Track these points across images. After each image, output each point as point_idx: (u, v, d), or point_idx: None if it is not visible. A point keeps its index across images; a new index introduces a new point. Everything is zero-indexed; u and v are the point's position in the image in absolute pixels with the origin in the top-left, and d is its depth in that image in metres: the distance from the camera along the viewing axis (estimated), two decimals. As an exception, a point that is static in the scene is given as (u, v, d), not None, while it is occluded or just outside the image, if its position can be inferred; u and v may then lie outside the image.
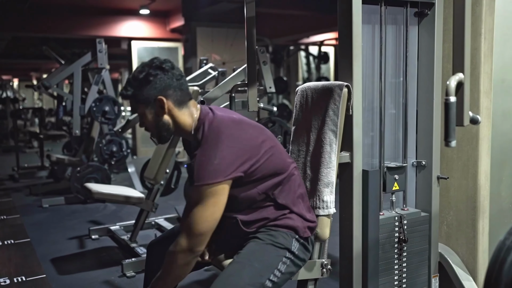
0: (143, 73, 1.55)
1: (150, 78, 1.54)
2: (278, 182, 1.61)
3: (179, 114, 1.59)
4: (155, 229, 3.96)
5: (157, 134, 1.62)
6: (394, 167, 1.98)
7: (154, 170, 3.42)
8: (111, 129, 5.18)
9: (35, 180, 6.56)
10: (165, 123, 1.58)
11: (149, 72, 1.55)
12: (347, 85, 1.75)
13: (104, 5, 7.55)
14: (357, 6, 1.80)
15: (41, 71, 16.57)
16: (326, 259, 1.83)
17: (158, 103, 1.55)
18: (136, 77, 1.56)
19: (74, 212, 4.81)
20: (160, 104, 1.55)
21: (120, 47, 9.51)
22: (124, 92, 1.59)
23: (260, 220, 1.61)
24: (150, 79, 1.54)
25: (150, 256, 1.74)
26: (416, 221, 2.02)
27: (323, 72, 10.56)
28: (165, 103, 1.55)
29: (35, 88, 6.65)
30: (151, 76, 1.54)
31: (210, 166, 1.44)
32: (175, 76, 1.58)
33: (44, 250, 3.60)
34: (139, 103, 1.57)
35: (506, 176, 2.21)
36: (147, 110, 1.57)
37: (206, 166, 1.44)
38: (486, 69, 2.08)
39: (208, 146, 1.48)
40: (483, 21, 2.06)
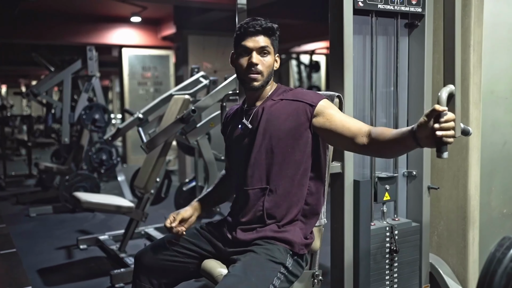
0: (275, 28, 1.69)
1: (277, 35, 1.71)
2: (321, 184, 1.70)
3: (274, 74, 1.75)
4: (145, 238, 3.92)
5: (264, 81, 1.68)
6: (385, 177, 1.99)
7: (144, 179, 3.39)
8: (101, 137, 5.13)
9: (22, 188, 6.48)
10: (271, 74, 1.71)
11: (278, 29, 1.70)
12: (338, 95, 1.76)
13: (95, 12, 7.52)
14: (348, 17, 1.81)
15: (30, 78, 16.44)
16: (317, 269, 1.82)
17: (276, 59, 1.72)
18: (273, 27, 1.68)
19: (62, 221, 4.75)
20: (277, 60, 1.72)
21: (111, 54, 9.46)
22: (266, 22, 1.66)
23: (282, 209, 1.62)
24: (277, 35, 1.71)
25: (138, 266, 1.72)
26: (407, 231, 2.02)
27: (314, 81, 10.60)
28: (278, 61, 1.73)
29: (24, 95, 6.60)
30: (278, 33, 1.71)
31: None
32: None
33: (31, 260, 3.54)
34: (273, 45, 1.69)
35: (496, 186, 2.22)
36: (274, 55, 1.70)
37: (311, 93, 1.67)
38: (476, 80, 2.10)
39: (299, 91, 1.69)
40: (472, 33, 2.08)
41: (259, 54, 1.65)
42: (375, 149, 1.47)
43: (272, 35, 1.67)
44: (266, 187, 1.63)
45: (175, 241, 1.71)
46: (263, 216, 1.62)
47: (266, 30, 1.65)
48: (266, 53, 1.65)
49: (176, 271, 1.70)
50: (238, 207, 1.70)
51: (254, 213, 1.64)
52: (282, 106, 1.65)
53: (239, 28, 1.67)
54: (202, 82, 3.87)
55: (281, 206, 1.62)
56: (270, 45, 1.66)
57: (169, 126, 3.15)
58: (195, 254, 1.70)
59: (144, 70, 8.52)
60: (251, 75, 1.64)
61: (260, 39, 1.65)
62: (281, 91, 1.70)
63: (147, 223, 3.85)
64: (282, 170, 1.62)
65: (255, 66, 1.64)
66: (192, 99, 3.55)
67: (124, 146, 8.77)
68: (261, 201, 1.63)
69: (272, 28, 1.67)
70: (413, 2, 1.96)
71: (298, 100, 1.63)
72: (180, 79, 6.71)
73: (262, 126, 1.64)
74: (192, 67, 4.16)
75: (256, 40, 1.64)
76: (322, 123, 1.58)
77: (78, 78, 5.77)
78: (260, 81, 1.66)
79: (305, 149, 1.62)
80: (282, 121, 1.62)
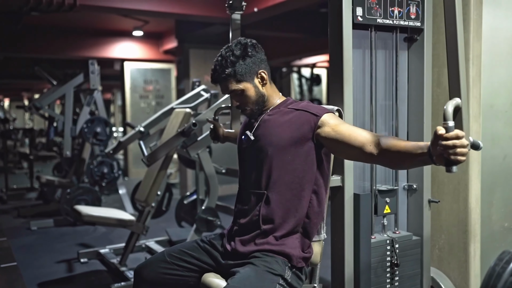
0: (239, 51, 1.64)
1: (249, 53, 1.65)
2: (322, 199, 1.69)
3: (271, 87, 1.73)
4: (146, 252, 3.90)
5: (255, 110, 1.69)
6: (385, 190, 1.99)
7: (146, 192, 3.39)
8: (102, 150, 5.14)
9: (23, 201, 6.47)
10: (264, 96, 1.69)
11: (246, 49, 1.65)
12: (338, 109, 1.77)
13: (97, 27, 7.59)
14: (347, 31, 1.83)
15: (33, 91, 16.52)
16: (317, 283, 1.81)
17: (261, 76, 1.67)
18: (235, 55, 1.64)
19: (63, 234, 4.74)
20: (262, 77, 1.67)
21: (113, 68, 9.53)
22: (221, 72, 1.65)
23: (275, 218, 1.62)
24: (249, 53, 1.65)
25: (138, 280, 1.71)
26: (408, 244, 2.02)
27: (315, 94, 10.64)
28: (266, 76, 1.68)
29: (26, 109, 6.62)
30: (249, 51, 1.65)
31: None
32: (262, 51, 1.70)
33: (31, 274, 3.52)
34: (242, 79, 1.65)
35: (497, 199, 2.22)
36: (251, 84, 1.66)
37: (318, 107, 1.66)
38: (475, 93, 2.11)
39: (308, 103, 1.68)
40: (471, 47, 2.10)
41: (234, 96, 1.69)
42: (386, 159, 1.46)
43: (234, 75, 1.64)
44: (263, 193, 1.64)
45: (175, 254, 1.71)
46: (258, 220, 1.63)
47: (223, 79, 1.66)
48: (239, 92, 1.67)
49: (176, 285, 1.69)
50: (240, 209, 1.73)
51: (252, 217, 1.65)
52: (285, 115, 1.67)
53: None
54: (203, 95, 3.89)
55: (277, 213, 1.62)
56: (236, 85, 1.65)
57: (170, 140, 3.16)
58: (195, 268, 1.70)
59: (146, 83, 8.56)
60: (240, 110, 1.73)
61: (225, 86, 1.68)
62: (288, 103, 1.72)
63: (148, 236, 3.83)
64: (280, 177, 1.63)
65: (237, 106, 1.71)
66: (193, 112, 3.56)
67: (125, 159, 8.78)
68: (258, 205, 1.64)
69: (229, 73, 1.63)
70: (412, 16, 1.98)
71: (302, 110, 1.64)
72: (182, 93, 6.74)
73: (263, 133, 1.67)
74: (193, 81, 4.18)
75: (224, 87, 1.69)
76: (327, 133, 1.57)
77: (80, 92, 5.80)
78: (250, 112, 1.72)
79: (306, 159, 1.62)
80: (284, 129, 1.64)
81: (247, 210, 1.69)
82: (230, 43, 1.70)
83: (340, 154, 1.68)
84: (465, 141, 1.19)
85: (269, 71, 1.72)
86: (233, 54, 1.63)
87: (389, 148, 1.42)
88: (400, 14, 1.96)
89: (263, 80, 1.68)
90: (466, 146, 1.19)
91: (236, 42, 1.68)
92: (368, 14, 1.88)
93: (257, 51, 1.67)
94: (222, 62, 1.64)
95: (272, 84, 1.74)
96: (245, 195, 1.72)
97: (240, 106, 1.71)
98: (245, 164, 1.75)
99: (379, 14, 1.91)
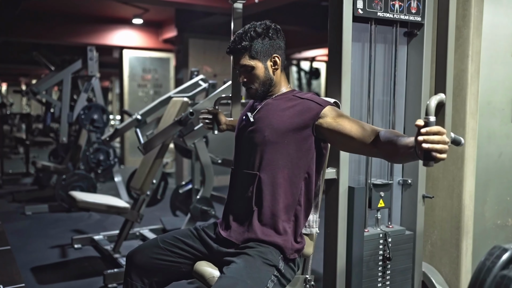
0: (261, 29, 1.65)
1: (270, 34, 1.65)
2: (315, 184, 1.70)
3: (282, 75, 1.73)
4: (140, 240, 3.91)
5: (259, 90, 1.70)
6: (380, 184, 1.99)
7: (141, 180, 3.39)
8: (99, 137, 5.14)
9: (19, 186, 6.47)
10: (272, 80, 1.70)
11: (268, 29, 1.65)
12: (335, 101, 1.76)
13: (97, 13, 7.54)
14: (347, 24, 1.82)
15: (31, 77, 16.45)
16: (309, 275, 1.82)
17: (274, 60, 1.68)
18: (256, 31, 1.64)
19: (58, 220, 4.74)
20: (275, 61, 1.68)
21: (112, 55, 9.48)
22: (238, 43, 1.65)
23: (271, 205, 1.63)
24: (270, 35, 1.65)
25: (130, 265, 1.71)
26: (401, 239, 2.03)
27: (314, 88, 10.62)
28: (279, 62, 1.68)
29: (23, 94, 6.59)
30: (270, 32, 1.65)
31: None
32: (284, 39, 1.71)
33: (25, 258, 3.53)
34: (255, 56, 1.65)
35: (491, 197, 2.23)
36: (262, 64, 1.67)
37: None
38: (473, 90, 2.11)
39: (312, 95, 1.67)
40: (471, 43, 2.10)
41: (244, 71, 1.70)
42: (384, 152, 1.46)
43: (247, 49, 1.65)
44: (256, 174, 1.64)
45: (169, 241, 1.71)
46: (251, 201, 1.64)
47: (239, 50, 1.67)
48: (249, 69, 1.68)
49: (168, 271, 1.70)
50: (232, 190, 1.75)
51: (244, 198, 1.67)
52: (289, 101, 1.68)
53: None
54: (201, 85, 3.88)
55: (268, 195, 1.63)
56: (248, 60, 1.66)
57: (166, 128, 3.15)
58: (188, 254, 1.70)
59: (144, 72, 8.53)
60: (245, 87, 1.74)
61: (237, 59, 1.69)
62: (294, 92, 1.72)
63: (142, 224, 3.85)
64: (273, 159, 1.63)
65: (243, 82, 1.72)
66: (191, 101, 3.56)
67: (122, 147, 8.77)
68: (250, 186, 1.65)
69: (245, 46, 1.65)
70: (413, 11, 1.98)
71: (307, 99, 1.65)
72: (180, 82, 6.72)
73: (264, 116, 1.68)
74: (191, 70, 4.17)
75: (236, 60, 1.70)
76: (329, 124, 1.57)
77: (78, 78, 5.78)
78: (254, 91, 1.72)
79: (302, 146, 1.62)
80: (285, 114, 1.64)
81: (240, 191, 1.69)
82: (256, 21, 1.70)
83: (340, 146, 1.68)
84: (445, 138, 1.17)
85: (284, 60, 1.73)
86: (254, 30, 1.65)
87: (386, 141, 1.42)
88: (400, 8, 1.96)
89: (275, 65, 1.69)
90: (446, 143, 1.17)
91: (262, 22, 1.69)
92: (369, 7, 1.87)
93: (278, 37, 1.69)
94: (242, 35, 1.66)
95: (283, 73, 1.75)
96: (238, 176, 1.73)
97: (246, 84, 1.71)
98: (241, 144, 1.76)
99: (379, 7, 1.90)
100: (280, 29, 1.71)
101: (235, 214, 1.70)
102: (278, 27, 1.70)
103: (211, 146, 4.03)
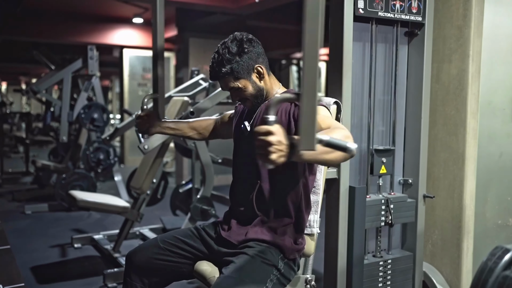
0: (235, 48, 1.62)
1: (245, 49, 1.62)
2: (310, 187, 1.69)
3: (270, 79, 1.70)
4: (140, 239, 3.91)
5: (255, 103, 1.69)
6: (381, 150, 1.99)
7: (141, 179, 3.39)
8: (99, 136, 5.13)
9: (18, 185, 6.46)
10: (263, 90, 1.68)
11: (241, 44, 1.62)
12: (336, 101, 1.76)
13: (97, 13, 7.53)
14: (348, 24, 1.82)
15: (31, 76, 16.42)
16: (310, 274, 1.81)
17: (257, 71, 1.65)
18: (231, 52, 1.61)
19: (58, 219, 4.74)
20: (259, 71, 1.65)
21: (112, 54, 9.47)
22: (218, 71, 1.63)
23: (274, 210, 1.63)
24: (246, 49, 1.62)
25: (129, 265, 1.71)
26: (403, 206, 2.02)
27: (313, 87, 10.59)
28: (263, 70, 1.66)
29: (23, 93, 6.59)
30: (245, 47, 1.62)
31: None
32: (259, 44, 1.68)
33: (25, 258, 3.53)
34: (239, 76, 1.63)
35: (491, 197, 2.22)
36: (248, 81, 1.64)
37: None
38: (474, 90, 2.11)
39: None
40: (471, 43, 2.09)
41: (233, 92, 1.68)
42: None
43: (231, 73, 1.62)
44: (257, 182, 1.65)
45: (169, 240, 1.71)
46: (253, 207, 1.65)
47: (222, 76, 1.64)
48: (238, 89, 1.66)
49: (168, 271, 1.69)
50: (235, 198, 1.75)
51: (247, 205, 1.67)
52: (282, 105, 1.66)
53: None
54: (202, 84, 3.88)
55: (270, 202, 1.64)
56: (235, 83, 1.64)
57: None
58: (188, 254, 1.70)
59: (145, 71, 8.52)
60: (242, 104, 1.74)
61: (223, 83, 1.67)
62: (288, 92, 1.71)
63: (142, 223, 3.84)
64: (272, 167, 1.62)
65: (237, 100, 1.72)
66: (191, 101, 3.55)
67: (122, 146, 8.76)
68: (251, 194, 1.65)
69: (226, 71, 1.61)
70: (413, 10, 1.98)
71: (294, 102, 1.62)
72: (180, 81, 6.71)
73: (257, 123, 1.68)
74: (192, 70, 4.17)
75: (223, 84, 1.68)
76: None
77: (78, 77, 5.78)
78: (250, 104, 1.71)
79: None
80: (279, 118, 1.62)
81: (242, 199, 1.70)
82: (227, 38, 1.67)
83: None
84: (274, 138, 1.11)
85: (267, 64, 1.69)
86: (229, 52, 1.61)
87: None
88: (401, 8, 1.95)
89: (260, 75, 1.66)
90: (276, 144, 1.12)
91: (232, 38, 1.64)
92: (370, 7, 1.87)
93: (253, 46, 1.64)
94: (219, 60, 1.62)
95: (271, 76, 1.72)
96: (239, 184, 1.73)
97: (240, 101, 1.72)
98: (240, 153, 1.76)
99: (380, 7, 1.90)
100: (252, 37, 1.66)
101: (237, 218, 1.71)
102: (250, 37, 1.65)
103: (212, 146, 4.03)
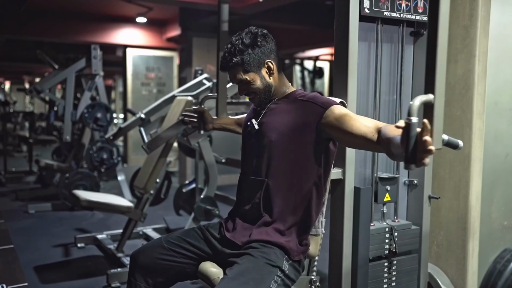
0: (249, 40, 1.63)
1: (259, 43, 1.63)
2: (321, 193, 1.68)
3: (280, 77, 1.71)
4: (143, 239, 3.91)
5: (262, 99, 1.69)
6: (386, 178, 1.97)
7: (144, 179, 3.38)
8: (102, 136, 5.13)
9: (22, 185, 6.47)
10: (271, 86, 1.68)
11: (256, 37, 1.63)
12: (341, 101, 1.75)
13: (101, 12, 7.54)
14: (354, 24, 1.81)
15: (34, 75, 16.46)
16: (315, 275, 1.81)
17: (268, 66, 1.65)
18: (244, 43, 1.62)
19: (61, 219, 4.74)
20: (269, 67, 1.66)
21: (115, 54, 9.48)
22: (229, 61, 1.63)
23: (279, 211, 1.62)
24: (259, 43, 1.63)
25: (134, 265, 1.70)
26: (407, 233, 2.00)
27: (317, 87, 10.59)
28: (273, 67, 1.66)
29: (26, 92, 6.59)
30: (258, 41, 1.63)
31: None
32: (273, 41, 1.68)
33: (28, 257, 3.53)
34: (249, 69, 1.64)
35: (497, 197, 2.21)
36: (258, 74, 1.65)
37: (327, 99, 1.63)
38: (480, 90, 2.10)
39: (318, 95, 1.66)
40: (478, 43, 2.08)
41: (242, 85, 1.69)
42: (384, 148, 1.41)
43: (241, 64, 1.63)
44: (264, 180, 1.64)
45: (173, 241, 1.70)
46: (259, 207, 1.64)
47: (231, 67, 1.65)
48: (246, 82, 1.66)
49: (172, 271, 1.69)
50: (241, 196, 1.75)
51: (252, 204, 1.66)
52: (291, 103, 1.67)
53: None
54: (205, 84, 3.87)
55: (276, 201, 1.63)
56: (244, 75, 1.65)
57: (170, 127, 3.14)
58: (192, 255, 1.69)
59: (148, 70, 8.53)
60: (248, 98, 1.73)
61: (232, 75, 1.68)
62: (297, 93, 1.71)
63: (145, 223, 3.84)
64: (280, 165, 1.63)
65: (244, 94, 1.71)
66: (195, 100, 3.55)
67: (125, 146, 8.77)
68: (258, 193, 1.65)
69: (237, 62, 1.62)
70: (419, 10, 1.96)
71: (309, 101, 1.63)
72: (184, 81, 6.71)
73: (268, 121, 1.68)
74: (195, 69, 4.16)
75: (232, 76, 1.68)
76: (331, 124, 1.55)
77: (82, 77, 5.78)
78: (257, 100, 1.71)
79: (308, 149, 1.60)
80: (288, 117, 1.64)
81: (248, 197, 1.69)
82: (242, 31, 1.68)
83: (345, 143, 1.67)
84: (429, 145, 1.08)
85: (278, 62, 1.70)
86: (242, 43, 1.62)
87: (385, 138, 1.38)
88: (407, 8, 1.94)
89: (270, 70, 1.67)
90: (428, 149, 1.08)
91: (247, 30, 1.66)
92: (376, 7, 1.86)
93: (267, 41, 1.66)
94: (231, 50, 1.64)
95: (281, 74, 1.72)
96: (246, 182, 1.73)
97: (247, 95, 1.72)
98: (248, 150, 1.76)
99: (386, 7, 1.89)
100: (267, 33, 1.68)
101: (242, 217, 1.70)
102: (264, 32, 1.67)
103: (215, 145, 4.02)
